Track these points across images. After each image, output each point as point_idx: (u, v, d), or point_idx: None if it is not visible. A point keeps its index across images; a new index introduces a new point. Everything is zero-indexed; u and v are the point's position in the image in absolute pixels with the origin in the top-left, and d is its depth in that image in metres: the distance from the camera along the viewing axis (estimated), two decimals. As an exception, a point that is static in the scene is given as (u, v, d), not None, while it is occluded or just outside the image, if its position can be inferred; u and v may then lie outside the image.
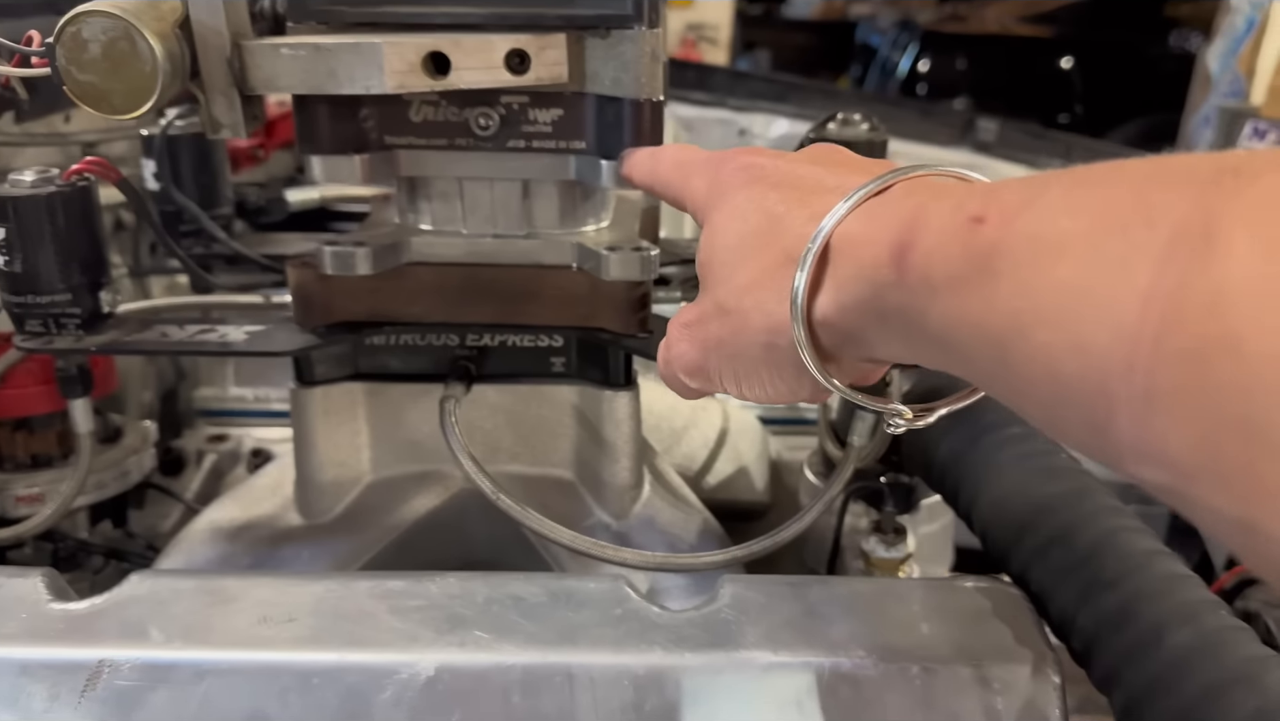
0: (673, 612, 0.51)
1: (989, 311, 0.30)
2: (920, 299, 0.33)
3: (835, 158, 0.44)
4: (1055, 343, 0.28)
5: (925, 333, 0.34)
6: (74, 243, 0.59)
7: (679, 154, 0.51)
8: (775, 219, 0.41)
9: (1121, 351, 0.26)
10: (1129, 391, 0.26)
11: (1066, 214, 0.29)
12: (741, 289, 0.41)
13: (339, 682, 0.47)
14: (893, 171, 0.38)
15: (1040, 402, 0.30)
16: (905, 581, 0.54)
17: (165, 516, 0.87)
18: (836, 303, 0.37)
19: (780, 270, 0.39)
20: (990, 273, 0.30)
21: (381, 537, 0.66)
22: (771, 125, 1.44)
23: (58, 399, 0.70)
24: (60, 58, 0.49)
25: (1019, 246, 0.30)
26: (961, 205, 0.32)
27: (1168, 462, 0.26)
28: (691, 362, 0.45)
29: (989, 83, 4.56)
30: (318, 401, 0.65)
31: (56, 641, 0.49)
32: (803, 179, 0.42)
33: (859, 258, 0.36)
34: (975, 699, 0.47)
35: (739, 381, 0.44)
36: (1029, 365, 0.29)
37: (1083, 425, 0.29)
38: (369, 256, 0.58)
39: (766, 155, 0.45)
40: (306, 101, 0.55)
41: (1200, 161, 0.27)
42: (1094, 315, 0.27)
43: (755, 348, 0.41)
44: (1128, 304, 0.26)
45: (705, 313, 0.44)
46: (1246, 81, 3.23)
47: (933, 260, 0.33)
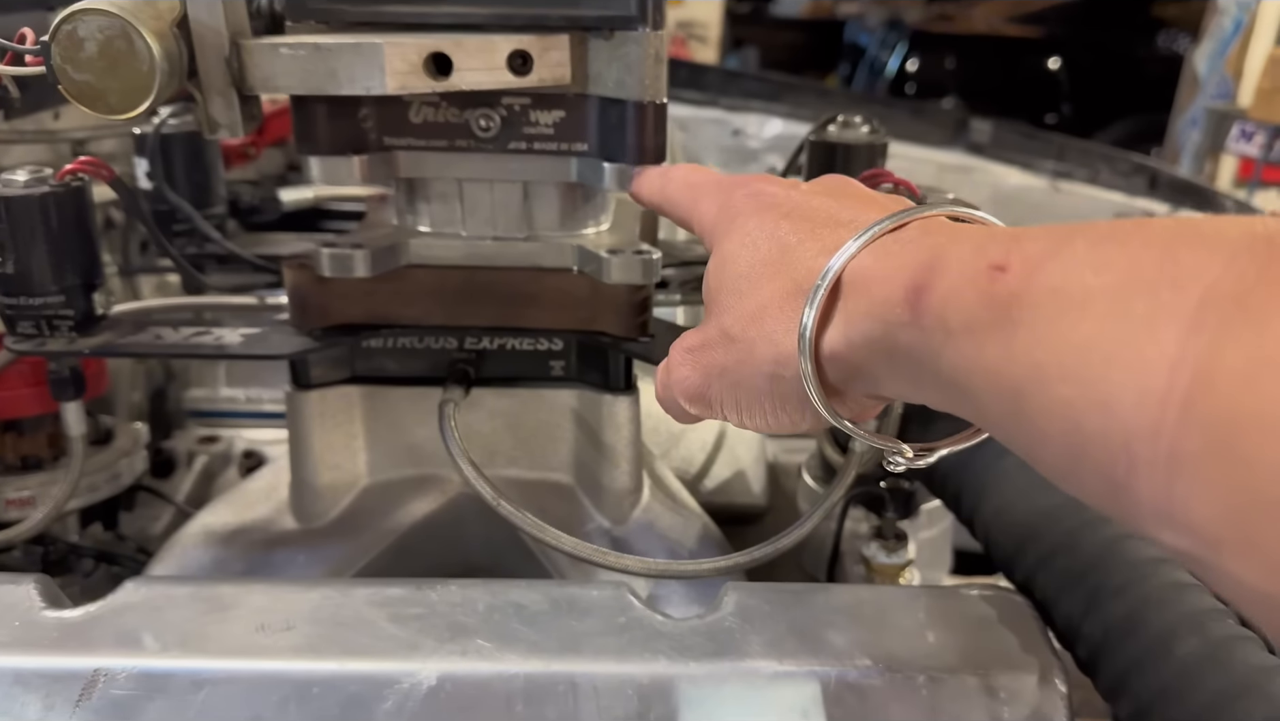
0: (676, 621, 0.51)
1: (1007, 360, 0.30)
2: (934, 341, 0.33)
3: (849, 190, 0.44)
4: (1076, 398, 0.28)
5: (937, 375, 0.34)
6: (67, 243, 0.58)
7: (690, 175, 0.51)
8: (786, 249, 0.40)
9: (1147, 413, 0.26)
10: (1152, 454, 0.26)
11: (1091, 269, 0.29)
12: (749, 318, 0.41)
13: (339, 692, 0.47)
14: (909, 209, 0.38)
15: (1056, 455, 0.30)
16: (910, 589, 0.53)
17: (156, 519, 0.86)
18: (845, 338, 0.37)
19: (789, 301, 0.39)
20: (1010, 322, 0.30)
21: (378, 542, 0.65)
22: (765, 125, 1.44)
23: (48, 401, 0.69)
24: (56, 56, 0.49)
25: (1042, 298, 0.29)
26: (983, 251, 0.32)
27: (1191, 529, 0.26)
28: (693, 388, 0.44)
29: (977, 82, 4.58)
30: (314, 404, 0.64)
31: (51, 650, 0.49)
32: (815, 211, 0.41)
33: (871, 294, 0.36)
34: (982, 708, 0.47)
35: (740, 410, 0.43)
36: (1046, 417, 0.29)
37: (1100, 482, 0.28)
38: (367, 258, 0.58)
39: (779, 184, 0.45)
40: (305, 102, 0.55)
41: (1228, 224, 0.27)
42: (1119, 374, 0.27)
43: (759, 378, 0.41)
44: (1155, 366, 0.26)
45: (710, 339, 0.43)
46: (1234, 83, 3.26)
47: (949, 304, 0.33)
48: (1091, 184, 1.42)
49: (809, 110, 1.45)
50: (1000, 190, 1.39)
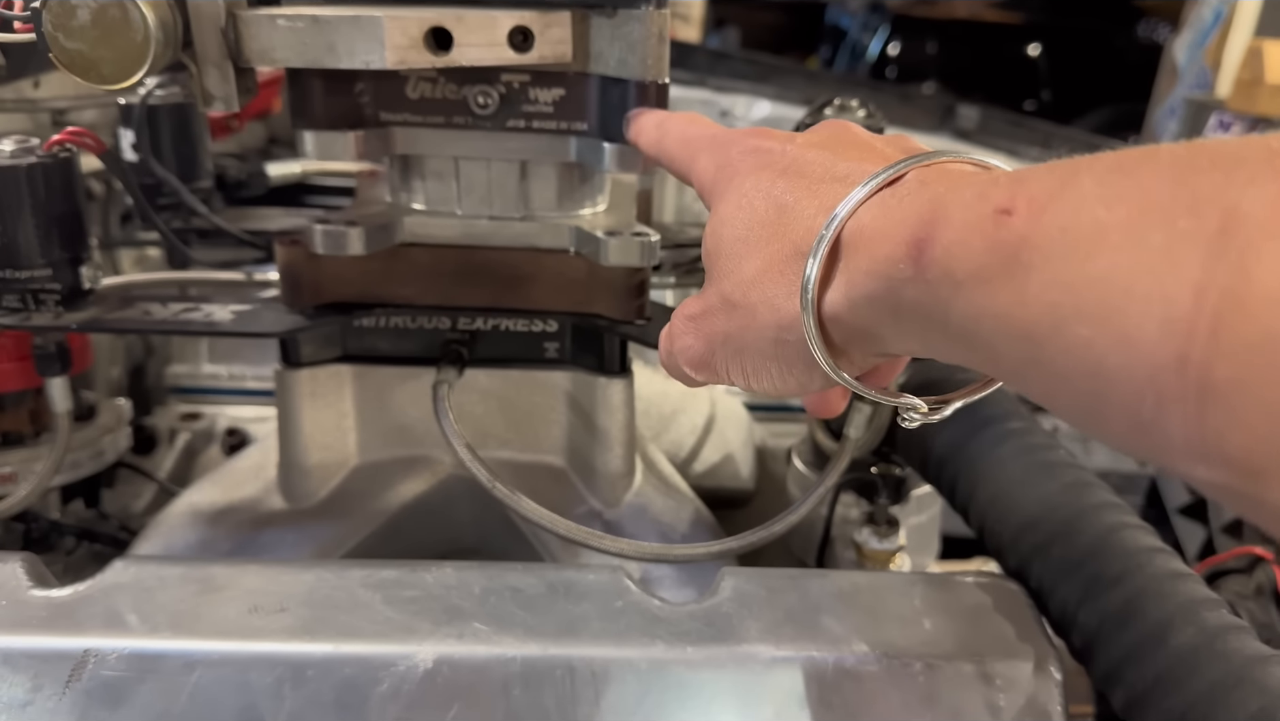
0: (673, 606, 0.50)
1: (1019, 305, 0.29)
2: (941, 294, 0.32)
3: (845, 137, 0.42)
4: (1096, 337, 0.27)
5: (946, 328, 0.33)
6: (55, 216, 0.57)
7: (686, 129, 0.49)
8: (783, 209, 0.39)
9: (1172, 344, 0.25)
10: (1181, 386, 0.25)
11: (1101, 203, 0.28)
12: (749, 282, 0.40)
13: (334, 674, 0.46)
14: (907, 159, 0.37)
15: (1078, 398, 0.29)
16: (906, 576, 0.53)
17: (137, 496, 0.85)
18: (847, 298, 0.36)
19: (789, 263, 0.38)
20: (1020, 265, 0.29)
21: (367, 523, 0.65)
22: (753, 107, 1.43)
23: (30, 376, 0.67)
24: (47, 23, 0.47)
25: (1051, 238, 0.28)
26: (985, 195, 0.31)
27: (1227, 461, 0.25)
28: (697, 356, 0.44)
29: (958, 67, 4.57)
30: (304, 383, 0.63)
31: (39, 630, 0.48)
32: (811, 165, 0.40)
33: (872, 252, 0.35)
34: (978, 695, 0.47)
35: (746, 375, 0.42)
36: (1065, 359, 0.28)
37: (1126, 421, 0.28)
38: (361, 236, 0.57)
39: (775, 138, 0.43)
40: (301, 75, 0.54)
41: (1242, 145, 0.26)
42: (1140, 308, 0.26)
43: (763, 342, 0.40)
44: (1178, 296, 0.25)
45: (711, 305, 0.42)
46: (1213, 74, 3.26)
47: (954, 254, 0.31)
48: (1076, 171, 1.42)
49: (797, 93, 1.44)
50: (986, 176, 1.38)
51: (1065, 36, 4.67)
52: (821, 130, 0.43)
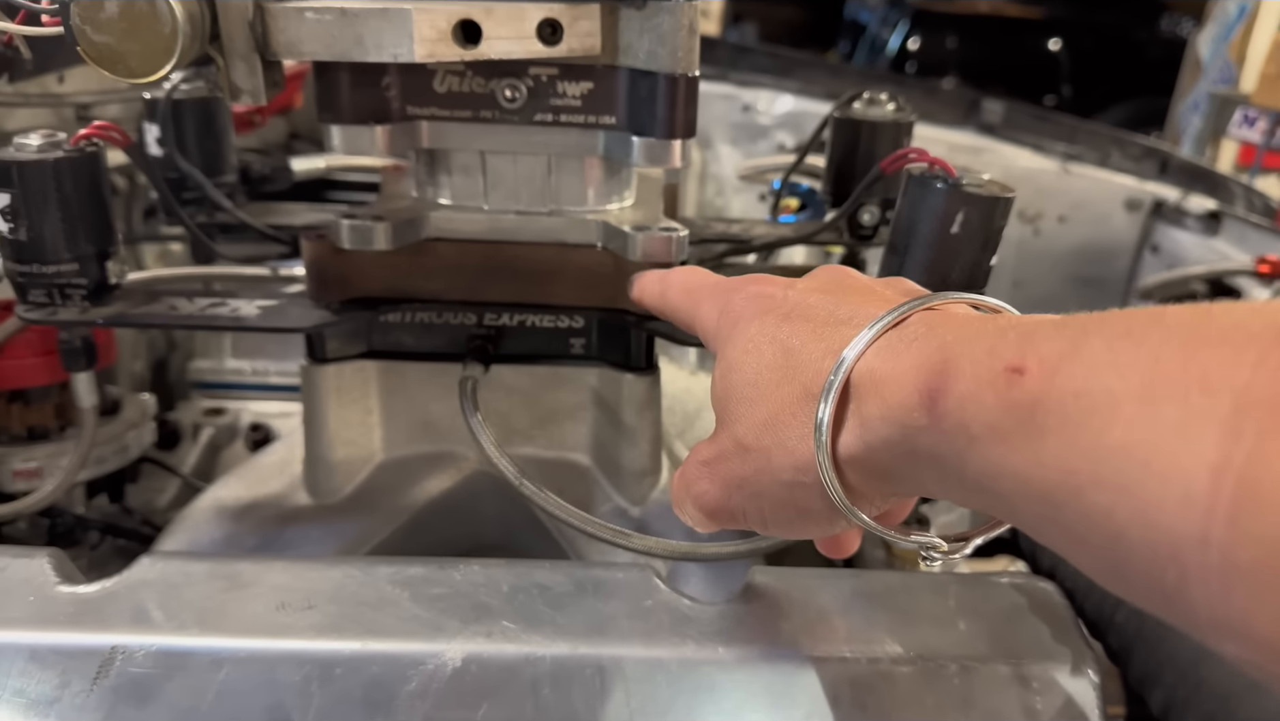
0: (703, 605, 0.50)
1: (1036, 466, 0.29)
2: (957, 445, 0.32)
3: (845, 282, 0.43)
4: (1115, 506, 0.27)
5: (963, 478, 0.33)
6: (81, 210, 0.56)
7: (688, 279, 0.50)
8: (790, 352, 0.39)
9: (1193, 522, 0.25)
10: (1203, 563, 0.25)
11: (1113, 370, 0.28)
12: (761, 426, 0.40)
13: (362, 672, 0.46)
14: (909, 301, 0.37)
15: (1099, 561, 0.30)
16: (940, 576, 0.53)
17: (161, 491, 0.85)
18: (863, 441, 0.36)
19: (800, 406, 0.38)
20: (1035, 427, 0.29)
21: (392, 519, 0.65)
22: (776, 101, 1.42)
23: (56, 370, 0.68)
24: (75, 16, 0.47)
25: (1066, 402, 0.29)
26: (995, 352, 0.31)
27: (1255, 640, 0.25)
28: (713, 502, 0.43)
29: (978, 62, 4.55)
30: (330, 379, 0.63)
31: (66, 626, 0.48)
32: (814, 309, 0.40)
33: (884, 397, 0.35)
34: (1014, 698, 0.46)
35: (765, 521, 0.42)
36: (1084, 525, 0.29)
37: (1149, 589, 0.28)
38: (388, 231, 0.56)
39: (776, 284, 0.44)
40: (328, 68, 0.53)
41: (1249, 318, 0.27)
42: (1158, 483, 0.26)
43: (779, 487, 0.40)
44: (1195, 474, 0.25)
45: (725, 450, 0.42)
46: (1237, 68, 3.24)
47: (968, 408, 0.32)
48: (1102, 167, 1.41)
49: (820, 87, 1.43)
50: (1011, 171, 1.37)
51: (1086, 31, 4.64)
52: (820, 275, 0.44)
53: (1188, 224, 1.34)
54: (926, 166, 0.58)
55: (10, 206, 0.55)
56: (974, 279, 0.57)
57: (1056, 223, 1.39)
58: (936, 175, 0.57)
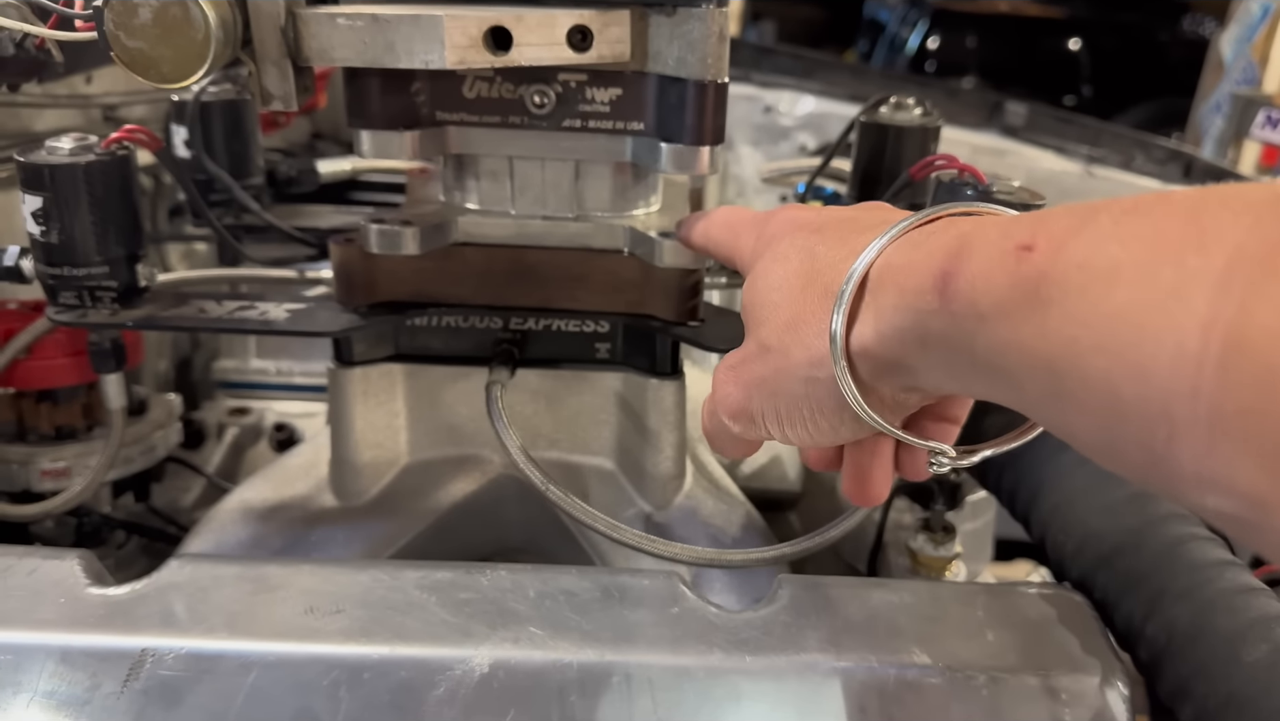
0: (730, 613, 0.50)
1: (1041, 337, 0.31)
2: (966, 326, 0.33)
3: (881, 208, 0.46)
4: (1112, 368, 0.28)
5: (972, 360, 0.34)
6: (112, 213, 0.57)
7: (729, 215, 0.52)
8: (815, 257, 0.41)
9: (1184, 376, 0.26)
10: (1192, 416, 0.26)
11: (1117, 241, 0.29)
12: (783, 326, 0.42)
13: (390, 677, 0.46)
14: (936, 207, 0.39)
15: (1095, 428, 0.31)
16: (968, 586, 0.52)
17: (186, 490, 0.86)
18: (876, 332, 0.37)
19: (820, 304, 0.40)
20: (1041, 299, 0.30)
21: (417, 522, 0.65)
22: (798, 103, 1.41)
23: (84, 371, 0.68)
24: (108, 22, 0.47)
25: (1070, 274, 0.30)
26: (1008, 233, 0.33)
27: (1236, 491, 0.26)
28: (735, 404, 0.45)
29: (997, 62, 4.52)
30: (356, 382, 0.63)
31: (97, 628, 0.48)
32: (844, 223, 0.43)
33: (900, 286, 0.36)
34: (1043, 710, 0.46)
35: (781, 421, 0.43)
36: (1084, 390, 0.30)
37: (1140, 452, 0.29)
38: (416, 236, 0.56)
39: (811, 210, 0.46)
40: (358, 74, 0.53)
41: (1250, 189, 0.28)
42: (1153, 340, 0.27)
43: (795, 383, 0.41)
44: (1188, 329, 0.26)
45: (749, 353, 0.44)
46: (1260, 69, 3.21)
47: (978, 287, 0.33)
48: (1125, 170, 1.40)
49: (842, 88, 1.43)
50: (1034, 174, 1.36)
51: (1107, 31, 4.61)
52: (858, 206, 0.46)
53: (1212, 228, 1.33)
54: (956, 173, 0.58)
55: (42, 209, 0.55)
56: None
57: (1079, 226, 1.38)
58: (966, 182, 0.56)
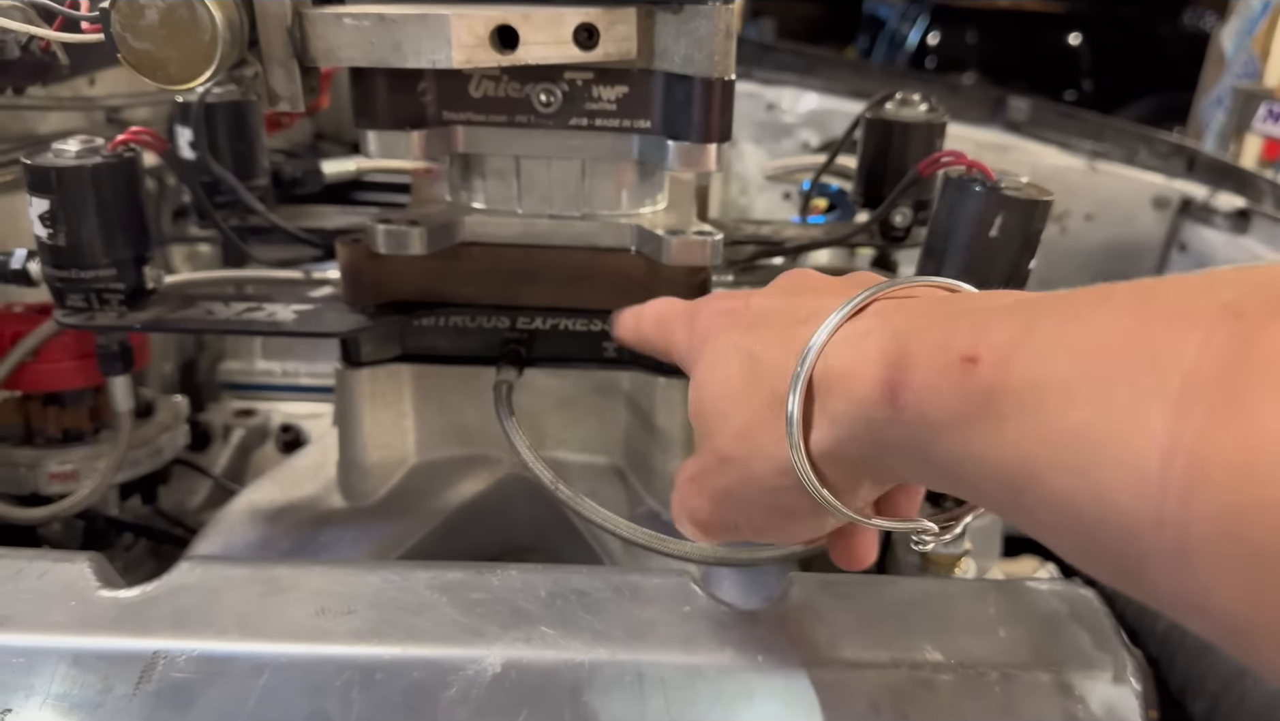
0: (742, 611, 0.50)
1: (997, 453, 0.30)
2: (920, 435, 0.33)
3: (804, 284, 0.44)
4: (1074, 490, 0.28)
5: (930, 466, 0.34)
6: (119, 216, 0.57)
7: (660, 310, 0.50)
8: (755, 360, 0.40)
9: (1147, 504, 0.25)
10: (1160, 545, 0.25)
11: (1065, 355, 0.28)
12: (737, 436, 0.41)
13: (403, 678, 0.46)
14: (863, 292, 0.38)
15: (1064, 542, 0.30)
16: (978, 583, 0.52)
17: (193, 492, 0.86)
18: (833, 437, 0.37)
19: (771, 411, 0.39)
20: (993, 414, 0.30)
21: (426, 522, 0.65)
22: (800, 100, 1.42)
23: (91, 374, 0.68)
24: (115, 23, 0.47)
25: (1020, 389, 0.29)
26: (949, 342, 0.32)
27: (1216, 616, 0.25)
28: (706, 516, 0.44)
29: (998, 58, 4.52)
30: (364, 383, 0.63)
31: (108, 631, 0.48)
32: (775, 315, 0.41)
33: (848, 392, 0.35)
34: (1055, 706, 0.46)
35: (757, 529, 0.43)
36: (1046, 508, 0.29)
37: (1114, 569, 0.28)
38: (423, 236, 0.56)
39: (737, 298, 0.45)
40: (365, 74, 0.53)
41: (1194, 294, 0.27)
42: (1112, 465, 0.26)
43: (764, 493, 0.41)
44: (1147, 455, 0.25)
45: (708, 464, 0.43)
46: (1261, 63, 3.20)
47: (927, 399, 0.32)
48: (1129, 164, 1.40)
49: (844, 85, 1.43)
50: (1038, 170, 1.36)
51: (1107, 25, 4.60)
52: (780, 281, 0.45)
53: (1216, 222, 1.33)
54: (964, 169, 0.58)
55: (49, 212, 0.55)
56: (1012, 282, 0.57)
57: (1083, 221, 1.38)
58: (974, 178, 0.56)
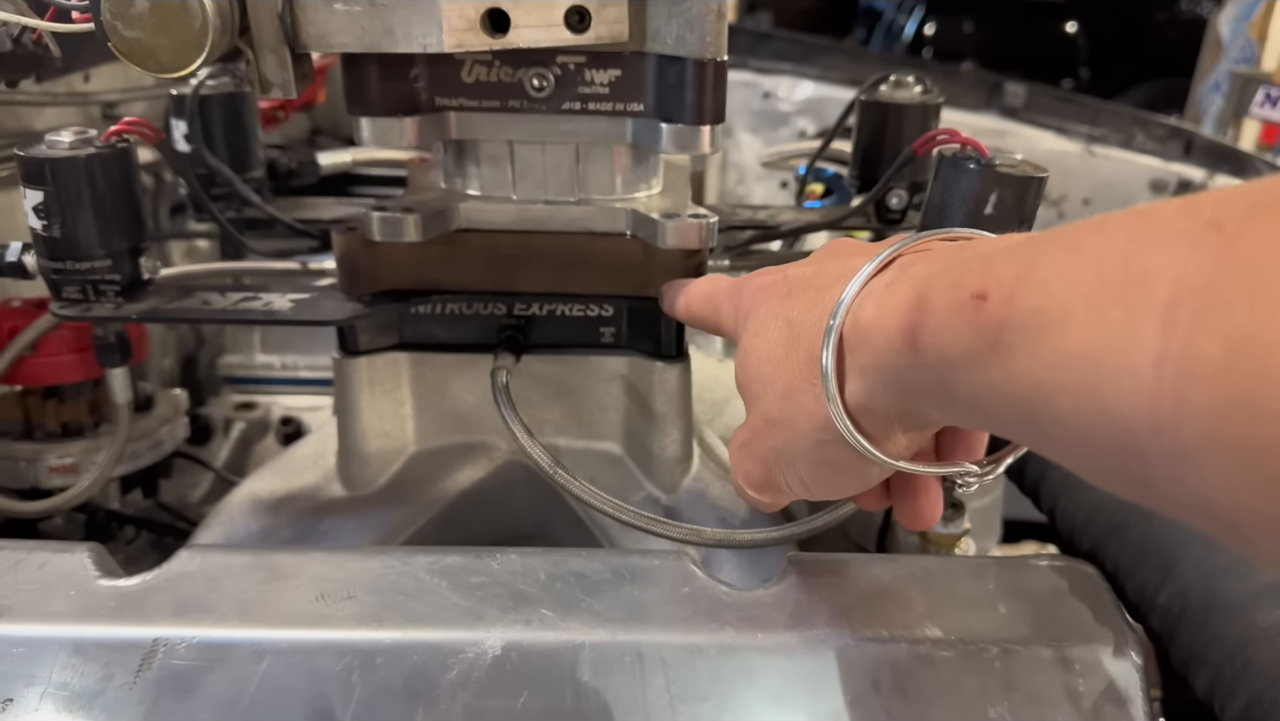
0: (741, 591, 0.50)
1: (1010, 382, 0.32)
2: (941, 375, 0.35)
3: (838, 249, 0.47)
4: (1080, 408, 0.29)
5: (954, 403, 0.36)
6: (114, 206, 0.57)
7: (707, 287, 0.53)
8: (793, 324, 0.43)
9: (1144, 412, 0.27)
10: (1158, 449, 0.27)
11: (1062, 283, 0.30)
12: (781, 397, 0.43)
13: (403, 661, 0.46)
14: (887, 249, 0.40)
15: (1078, 460, 0.32)
16: (978, 560, 0.52)
17: (194, 485, 0.86)
18: (865, 390, 0.39)
19: (808, 370, 0.41)
20: (1003, 345, 0.32)
21: (426, 510, 0.65)
22: (797, 88, 1.41)
23: (90, 367, 0.68)
24: (105, 12, 0.47)
25: (1025, 320, 0.31)
26: (959, 282, 0.34)
27: (1212, 513, 0.27)
28: (758, 477, 0.47)
29: (995, 47, 4.51)
30: (362, 371, 0.63)
31: (108, 619, 0.48)
32: (809, 281, 0.44)
33: (873, 343, 0.38)
34: (1057, 681, 0.46)
35: (807, 484, 0.45)
36: (1058, 429, 0.31)
37: (1123, 479, 0.30)
38: (418, 223, 0.56)
39: (777, 271, 0.47)
40: (357, 60, 0.53)
41: (1179, 215, 0.28)
42: (1111, 380, 0.28)
43: (809, 449, 0.43)
44: (1140, 367, 0.27)
45: (756, 428, 0.46)
46: (1258, 47, 3.20)
47: (944, 338, 0.34)
48: (1126, 148, 1.40)
49: (840, 73, 1.42)
50: (1034, 155, 1.35)
51: (1104, 12, 4.60)
52: (818, 251, 0.48)
53: (1214, 204, 1.32)
54: (958, 147, 0.58)
55: (44, 204, 0.55)
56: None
57: (1081, 205, 1.38)
58: (969, 156, 0.56)
